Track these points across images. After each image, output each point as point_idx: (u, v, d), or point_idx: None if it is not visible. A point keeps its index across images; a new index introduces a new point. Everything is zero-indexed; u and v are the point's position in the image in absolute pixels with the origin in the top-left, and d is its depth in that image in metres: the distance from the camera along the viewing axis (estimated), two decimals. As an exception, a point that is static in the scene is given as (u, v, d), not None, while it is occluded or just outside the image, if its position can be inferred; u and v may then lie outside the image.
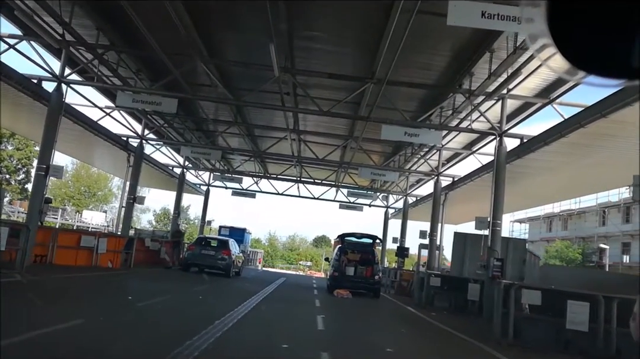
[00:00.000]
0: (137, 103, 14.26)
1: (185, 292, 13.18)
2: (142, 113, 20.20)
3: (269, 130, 22.54)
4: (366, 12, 11.46)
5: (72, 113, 16.34)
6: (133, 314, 8.24)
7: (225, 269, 20.27)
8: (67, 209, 41.96)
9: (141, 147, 20.90)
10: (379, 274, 18.14)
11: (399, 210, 33.63)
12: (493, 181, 14.10)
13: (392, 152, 23.56)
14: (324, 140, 22.78)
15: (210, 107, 20.44)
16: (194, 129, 23.19)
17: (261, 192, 33.82)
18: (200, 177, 32.91)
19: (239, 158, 28.24)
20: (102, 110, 20.65)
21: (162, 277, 17.43)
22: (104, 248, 16.89)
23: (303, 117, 20.42)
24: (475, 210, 25.37)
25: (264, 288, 16.95)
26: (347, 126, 20.82)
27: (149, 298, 10.51)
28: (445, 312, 15.15)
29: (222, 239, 22.96)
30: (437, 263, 20.53)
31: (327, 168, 29.30)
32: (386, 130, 14.21)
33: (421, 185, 29.46)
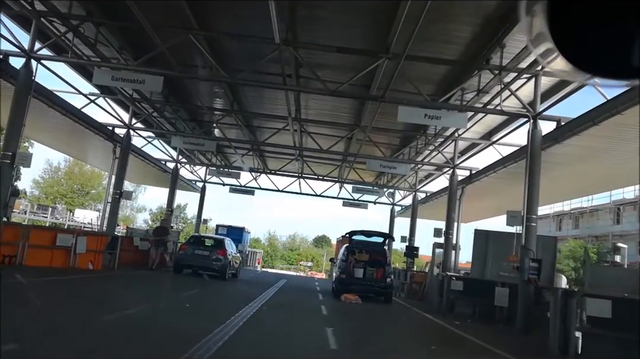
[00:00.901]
0: (117, 81, 12.42)
1: (169, 299, 11.32)
2: (129, 100, 18.34)
3: (268, 120, 20.68)
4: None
5: (46, 95, 14.48)
6: (89, 333, 6.38)
7: (220, 271, 18.43)
8: (57, 207, 40.12)
9: (128, 136, 19.05)
10: (390, 276, 16.31)
11: (405, 207, 31.78)
12: (527, 170, 12.26)
13: (401, 144, 21.69)
14: (327, 130, 20.91)
15: (205, 94, 18.59)
16: (187, 119, 21.32)
17: (260, 189, 31.96)
18: (196, 173, 31.07)
19: (236, 154, 26.37)
20: (86, 97, 18.84)
21: (148, 280, 15.57)
22: (84, 248, 15.02)
23: (305, 105, 18.55)
24: (490, 206, 23.56)
25: (262, 292, 15.11)
26: (353, 114, 18.97)
27: (122, 308, 8.66)
28: (469, 320, 13.31)
29: (217, 238, 21.13)
30: (454, 263, 18.70)
31: (331, 164, 27.45)
32: (403, 112, 12.37)
33: (431, 180, 27.57)
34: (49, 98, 14.73)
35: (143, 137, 24.36)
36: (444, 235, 18.66)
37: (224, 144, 25.73)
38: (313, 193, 31.95)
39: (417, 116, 12.30)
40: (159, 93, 18.87)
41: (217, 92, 17.96)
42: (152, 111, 19.30)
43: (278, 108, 19.10)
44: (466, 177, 19.21)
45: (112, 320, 7.49)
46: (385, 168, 19.31)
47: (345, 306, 14.36)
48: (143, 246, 21.20)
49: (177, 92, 18.92)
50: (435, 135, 17.61)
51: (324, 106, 18.60)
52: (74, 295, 10.08)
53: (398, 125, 19.36)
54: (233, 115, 19.08)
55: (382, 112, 16.17)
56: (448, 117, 12.48)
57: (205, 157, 28.06)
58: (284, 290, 18.35)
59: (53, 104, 14.97)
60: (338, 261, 17.19)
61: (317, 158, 26.28)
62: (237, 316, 9.07)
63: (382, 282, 16.11)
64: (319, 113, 19.34)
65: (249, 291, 15.87)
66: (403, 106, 12.44)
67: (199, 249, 18.69)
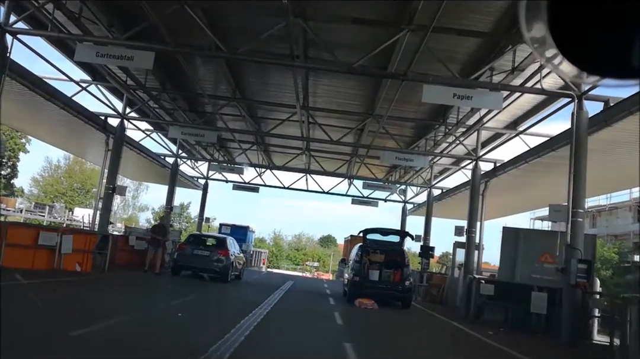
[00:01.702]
0: (102, 58, 10.90)
1: (160, 306, 9.79)
2: (123, 87, 16.86)
3: (273, 110, 19.15)
4: None
5: (26, 76, 12.98)
6: (44, 351, 4.86)
7: (222, 272, 16.91)
8: (55, 206, 38.77)
9: (122, 127, 17.56)
10: (409, 279, 14.72)
11: (418, 205, 30.16)
12: (571, 158, 10.67)
13: (416, 136, 20.05)
14: (337, 122, 19.32)
15: (205, 81, 17.05)
16: (186, 109, 19.79)
17: (265, 186, 30.42)
18: (198, 169, 29.56)
19: (239, 149, 24.86)
20: (78, 84, 17.38)
21: (141, 284, 14.05)
22: (69, 248, 13.53)
23: (313, 92, 16.99)
24: (513, 202, 21.92)
25: (268, 296, 13.58)
26: (365, 102, 17.40)
27: (99, 318, 7.15)
28: (502, 329, 11.72)
29: (219, 237, 19.61)
30: (477, 264, 17.09)
31: (339, 159, 25.89)
32: (429, 92, 10.79)
33: (447, 175, 25.94)
34: (29, 80, 13.23)
35: (142, 130, 22.88)
36: (465, 233, 17.06)
37: (227, 138, 24.27)
38: (320, 190, 30.41)
39: (445, 96, 10.74)
40: (155, 80, 17.41)
41: (218, 77, 16.45)
42: (148, 99, 17.80)
43: (284, 95, 17.58)
44: (490, 170, 17.58)
45: (82, 335, 5.98)
46: (401, 160, 17.72)
47: (360, 313, 12.79)
48: (140, 246, 19.71)
49: (175, 79, 17.41)
50: (458, 123, 15.99)
51: (333, 93, 17.06)
52: (47, 302, 8.56)
53: (414, 113, 17.81)
54: (235, 103, 17.55)
55: (399, 98, 14.61)
56: (480, 96, 10.88)
57: (207, 152, 26.56)
58: (291, 293, 16.82)
59: (34, 87, 13.48)
60: (351, 262, 15.63)
61: (326, 153, 24.73)
62: (237, 329, 7.55)
63: (400, 285, 14.54)
64: (328, 101, 17.79)
65: (253, 295, 14.35)
66: (429, 85, 10.85)
67: (198, 249, 17.19)
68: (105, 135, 17.65)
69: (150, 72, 16.67)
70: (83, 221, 32.58)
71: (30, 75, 13.29)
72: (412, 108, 17.46)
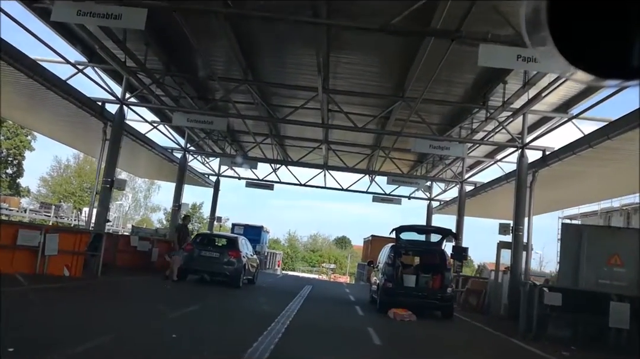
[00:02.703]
0: (84, 17, 8.93)
1: (153, 324, 7.75)
2: (123, 68, 14.94)
3: (289, 96, 17.10)
4: None
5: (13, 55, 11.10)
6: None
7: (233, 276, 14.92)
8: (62, 206, 37.21)
9: (121, 113, 15.63)
10: (451, 285, 12.53)
11: (445, 203, 27.87)
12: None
13: (449, 123, 17.79)
14: (360, 108, 17.18)
15: (214, 61, 15.07)
16: (194, 97, 17.78)
17: (280, 183, 28.40)
18: (208, 165, 27.64)
19: (252, 142, 22.87)
20: (74, 66, 15.56)
21: (137, 292, 12.05)
22: (55, 249, 11.63)
23: (334, 73, 14.90)
24: (564, 195, 19.52)
25: (285, 306, 11.52)
26: (392, 85, 15.29)
27: (72, 340, 5.21)
28: (574, 347, 9.51)
29: (229, 236, 17.65)
30: (526, 267, 14.82)
31: (360, 153, 23.76)
32: (486, 54, 8.65)
33: (480, 170, 23.65)
34: (12, 56, 11.34)
35: (148, 122, 21.03)
36: (512, 232, 14.80)
37: (239, 130, 22.32)
38: (339, 187, 28.30)
39: (507, 58, 8.57)
40: (157, 62, 15.48)
41: (229, 57, 14.46)
42: (150, 83, 15.87)
43: (301, 77, 15.54)
44: (538, 159, 15.28)
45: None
46: (435, 149, 15.49)
47: (398, 327, 10.65)
48: (143, 247, 17.89)
49: (180, 60, 15.48)
50: (505, 104, 13.77)
51: (357, 73, 14.98)
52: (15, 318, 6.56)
53: (449, 95, 15.63)
54: (247, 86, 15.54)
55: (435, 77, 12.45)
56: (547, 59, 8.65)
57: (218, 145, 24.62)
58: (311, 300, 14.73)
59: (23, 66, 11.59)
60: (381, 265, 13.46)
61: (345, 146, 22.62)
62: (249, 355, 5.50)
63: (441, 292, 12.36)
64: (350, 83, 15.70)
65: (268, 304, 12.30)
66: (486, 44, 8.69)
67: (206, 250, 15.22)
68: (103, 123, 15.76)
69: (151, 51, 14.79)
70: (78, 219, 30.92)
71: (19, 56, 11.43)
72: (446, 89, 15.31)
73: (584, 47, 1.05)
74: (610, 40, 1.04)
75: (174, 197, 22.48)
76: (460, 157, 18.52)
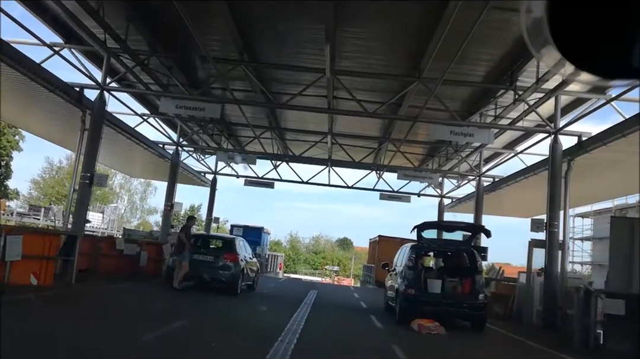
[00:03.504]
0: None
1: (121, 346, 5.94)
2: (104, 48, 13.21)
3: (290, 82, 15.37)
4: None
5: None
6: None
7: (229, 282, 13.18)
8: (52, 208, 35.45)
9: (101, 99, 13.86)
10: (484, 291, 10.72)
11: (458, 200, 26.08)
12: None
13: (468, 109, 15.97)
14: (368, 94, 15.43)
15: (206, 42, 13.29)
16: (185, 84, 15.97)
17: (281, 180, 26.62)
18: (204, 162, 25.88)
19: (251, 136, 21.09)
20: (51, 48, 13.83)
21: (113, 304, 10.19)
22: (18, 253, 9.82)
23: (340, 53, 13.13)
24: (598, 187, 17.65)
25: (290, 318, 9.76)
26: (409, 62, 13.54)
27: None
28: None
29: (225, 238, 15.91)
30: (562, 268, 13.02)
31: (367, 147, 21.98)
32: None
33: (495, 165, 21.87)
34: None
35: (138, 115, 19.27)
36: (546, 228, 13.02)
37: (236, 122, 20.54)
38: (344, 184, 26.52)
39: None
40: (142, 41, 13.72)
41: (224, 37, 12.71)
42: (134, 65, 14.10)
43: (305, 58, 13.80)
44: (574, 145, 13.49)
45: None
46: (457, 136, 13.67)
47: (427, 343, 8.86)
48: (130, 251, 16.09)
49: (167, 39, 13.72)
50: (538, 82, 12.01)
51: (366, 51, 13.22)
52: None
53: (470, 75, 13.86)
54: (244, 68, 13.76)
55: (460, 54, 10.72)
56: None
57: (214, 140, 22.83)
58: (319, 309, 12.93)
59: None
60: (400, 267, 11.64)
61: (351, 138, 20.84)
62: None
63: (471, 299, 10.56)
64: (360, 64, 13.93)
65: (270, 315, 10.55)
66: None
67: (199, 253, 13.46)
68: (81, 111, 13.98)
69: (134, 29, 13.03)
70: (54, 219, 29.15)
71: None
72: (469, 68, 13.53)
73: (586, 49, 1.04)
74: (611, 41, 1.03)
75: (166, 196, 20.71)
76: (484, 145, 16.66)
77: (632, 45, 1.02)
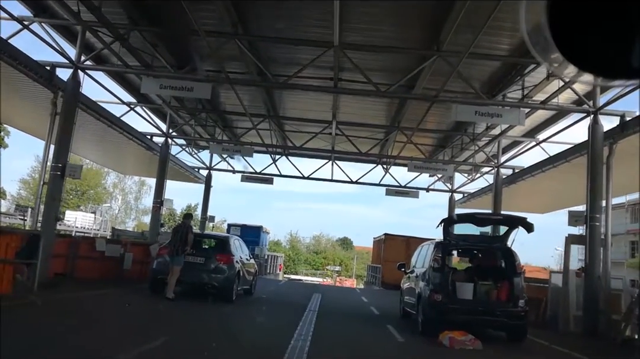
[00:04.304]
0: None
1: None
2: (78, 20, 11.50)
3: (289, 61, 13.60)
4: None
5: None
6: None
7: (222, 287, 11.48)
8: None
9: (75, 79, 12.12)
10: (524, 296, 9.01)
11: (469, 195, 24.39)
12: None
13: (489, 92, 14.22)
14: (378, 75, 13.65)
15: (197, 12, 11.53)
16: (174, 65, 14.17)
17: (280, 176, 24.92)
18: (198, 156, 24.16)
19: (248, 126, 19.34)
20: (19, 21, 12.12)
21: (80, 317, 8.39)
22: (-37, 256, 8.11)
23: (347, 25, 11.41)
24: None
25: (294, 331, 8.10)
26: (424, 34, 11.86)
27: None
28: None
29: (218, 236, 14.19)
30: (603, 268, 11.32)
31: (372, 138, 20.28)
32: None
33: (512, 156, 20.14)
34: None
35: (125, 103, 17.62)
36: (586, 222, 11.31)
37: (231, 111, 18.78)
38: (348, 179, 24.83)
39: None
40: (122, 14, 11.99)
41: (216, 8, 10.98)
42: (112, 41, 12.37)
43: (307, 30, 12.10)
44: (616, 126, 11.78)
45: None
46: (484, 116, 11.93)
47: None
48: (112, 252, 14.43)
49: (150, 11, 12.01)
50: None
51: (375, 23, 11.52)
52: None
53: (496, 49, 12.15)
54: (236, 40, 12.02)
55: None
56: None
57: (207, 132, 21.08)
58: (326, 317, 11.21)
59: None
60: (421, 269, 9.89)
61: (356, 126, 19.11)
62: None
63: (510, 306, 8.85)
64: (368, 37, 12.22)
65: (269, 328, 8.84)
66: None
67: (188, 254, 11.67)
68: (53, 93, 12.24)
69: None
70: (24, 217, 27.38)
71: None
72: (495, 40, 11.82)
73: (586, 50, 1.03)
74: (611, 41, 1.02)
75: (155, 192, 19.00)
76: (511, 127, 14.92)
77: (632, 45, 1.01)
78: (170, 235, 12.02)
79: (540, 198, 19.79)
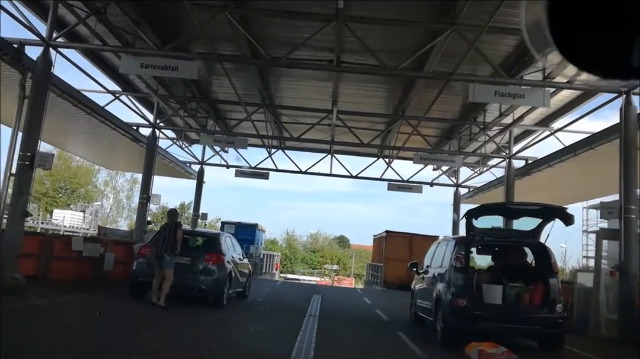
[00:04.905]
0: None
1: None
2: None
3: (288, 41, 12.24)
4: None
5: None
6: None
7: (212, 290, 10.23)
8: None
9: (46, 58, 10.78)
10: (561, 300, 7.76)
11: (475, 189, 23.17)
12: None
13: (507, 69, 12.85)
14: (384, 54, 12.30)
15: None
16: (159, 45, 12.79)
17: (276, 170, 23.65)
18: (188, 149, 22.84)
19: (241, 116, 18.02)
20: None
21: (34, 332, 7.05)
22: None
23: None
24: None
25: (293, 344, 6.81)
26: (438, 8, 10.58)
27: None
28: None
29: (207, 234, 12.96)
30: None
31: (374, 129, 19.00)
32: None
33: (525, 147, 18.84)
34: None
35: (111, 92, 16.28)
36: (620, 214, 10.07)
37: (224, 100, 17.46)
38: (347, 174, 23.56)
39: None
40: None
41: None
42: (87, 15, 11.03)
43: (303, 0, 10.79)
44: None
45: None
46: (504, 97, 10.66)
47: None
48: (91, 252, 13.11)
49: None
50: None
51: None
52: None
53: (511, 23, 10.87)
54: (226, 14, 10.69)
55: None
56: None
57: (198, 123, 19.73)
58: (328, 323, 9.92)
59: None
60: (442, 269, 8.57)
61: (358, 116, 17.83)
62: None
63: (547, 312, 7.60)
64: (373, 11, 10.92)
65: (265, 341, 7.53)
66: None
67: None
68: (21, 73, 10.89)
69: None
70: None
71: None
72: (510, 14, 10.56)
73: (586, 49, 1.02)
74: (611, 41, 1.01)
75: (141, 187, 17.65)
76: (535, 108, 13.62)
77: (632, 45, 1.01)
78: (155, 234, 10.72)
79: (556, 191, 18.56)
